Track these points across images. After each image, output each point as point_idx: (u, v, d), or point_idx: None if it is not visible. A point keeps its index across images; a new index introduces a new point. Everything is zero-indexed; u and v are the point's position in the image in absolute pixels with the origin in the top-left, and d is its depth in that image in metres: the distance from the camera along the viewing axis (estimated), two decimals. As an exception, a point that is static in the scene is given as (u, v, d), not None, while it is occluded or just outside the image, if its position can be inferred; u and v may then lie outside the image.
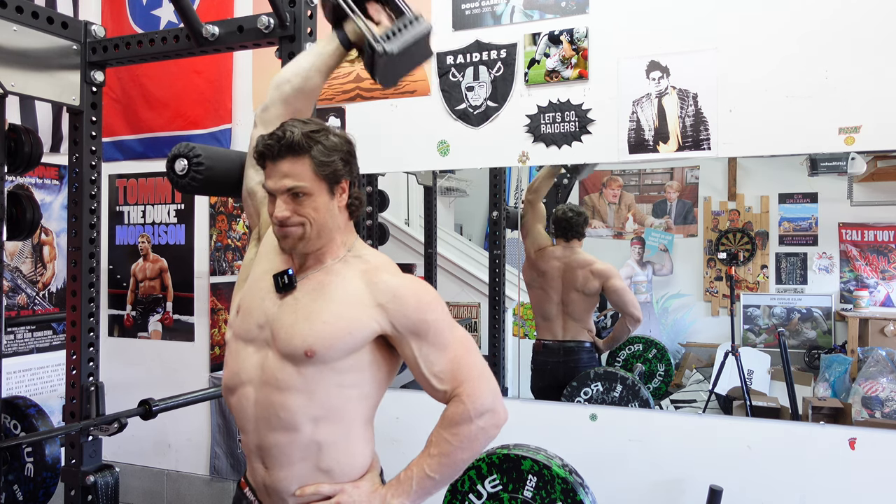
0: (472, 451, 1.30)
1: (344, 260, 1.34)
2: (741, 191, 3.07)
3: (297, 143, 1.24)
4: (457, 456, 1.29)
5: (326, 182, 1.27)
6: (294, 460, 1.29)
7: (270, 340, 1.30)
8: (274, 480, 1.31)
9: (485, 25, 2.59)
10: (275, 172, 1.26)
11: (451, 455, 1.28)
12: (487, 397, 1.29)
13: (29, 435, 2.05)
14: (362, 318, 1.27)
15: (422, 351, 1.29)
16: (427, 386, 1.32)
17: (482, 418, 1.28)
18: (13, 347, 3.11)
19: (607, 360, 3.04)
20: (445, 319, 1.32)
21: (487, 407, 1.29)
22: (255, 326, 1.33)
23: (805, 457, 2.18)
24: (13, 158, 2.01)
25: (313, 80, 1.47)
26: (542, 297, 2.96)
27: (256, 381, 1.31)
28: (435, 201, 3.23)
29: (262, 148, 1.27)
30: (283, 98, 1.46)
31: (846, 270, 2.87)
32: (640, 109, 2.38)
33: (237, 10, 3.06)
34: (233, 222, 3.24)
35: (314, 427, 1.28)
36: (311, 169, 1.25)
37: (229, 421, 3.17)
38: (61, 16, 1.93)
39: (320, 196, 1.27)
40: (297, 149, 1.24)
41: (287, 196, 1.25)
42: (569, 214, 2.96)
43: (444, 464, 1.29)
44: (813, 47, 2.18)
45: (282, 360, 1.28)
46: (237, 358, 1.35)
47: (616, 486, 2.36)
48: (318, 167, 1.25)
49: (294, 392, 1.27)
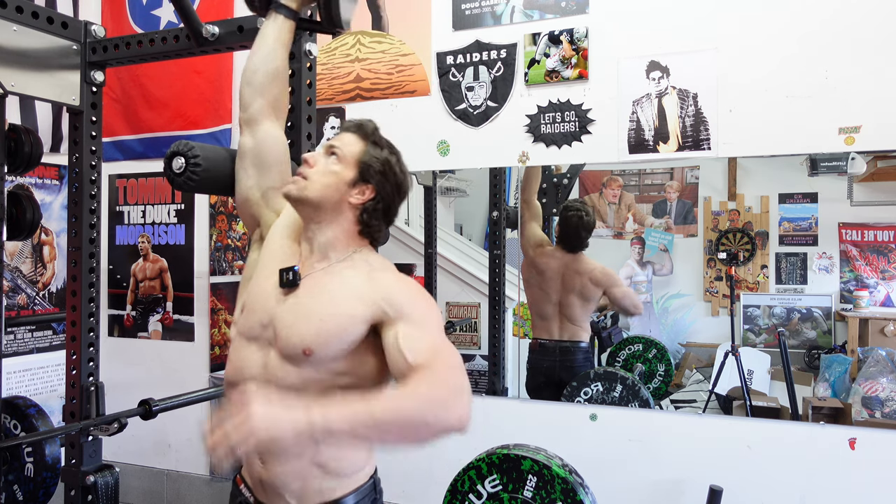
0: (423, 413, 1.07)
1: (351, 260, 1.35)
2: (741, 191, 3.07)
3: (365, 127, 1.37)
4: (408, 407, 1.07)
5: (358, 169, 1.34)
6: (291, 455, 1.29)
7: (273, 340, 1.31)
8: (271, 476, 1.32)
9: (485, 25, 2.59)
10: (337, 138, 1.38)
11: (404, 402, 1.08)
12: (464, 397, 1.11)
13: (29, 435, 2.05)
14: (356, 312, 1.25)
15: (405, 330, 1.20)
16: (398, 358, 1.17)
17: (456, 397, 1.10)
18: (13, 347, 3.11)
19: (607, 360, 3.03)
20: (438, 322, 1.27)
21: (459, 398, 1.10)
22: (258, 325, 1.34)
23: (805, 457, 2.18)
24: (13, 158, 2.00)
25: (277, 59, 1.50)
26: (539, 297, 2.96)
27: (259, 379, 1.31)
28: (435, 201, 3.23)
29: (345, 124, 1.40)
30: (258, 90, 1.48)
31: (846, 270, 2.87)
32: (640, 109, 2.38)
33: (237, 10, 3.06)
34: (233, 222, 3.24)
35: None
36: (358, 150, 1.35)
37: (229, 421, 3.16)
38: (61, 16, 1.93)
39: (345, 171, 1.33)
40: (363, 131, 1.37)
41: (324, 153, 1.35)
42: (582, 233, 2.94)
43: (389, 409, 1.06)
44: (813, 47, 2.18)
45: (282, 359, 1.29)
46: (240, 354, 1.36)
47: (616, 486, 2.36)
48: (363, 154, 1.34)
49: (293, 391, 1.27)
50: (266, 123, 1.48)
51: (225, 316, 3.21)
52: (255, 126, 1.47)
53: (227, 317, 3.21)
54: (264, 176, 1.47)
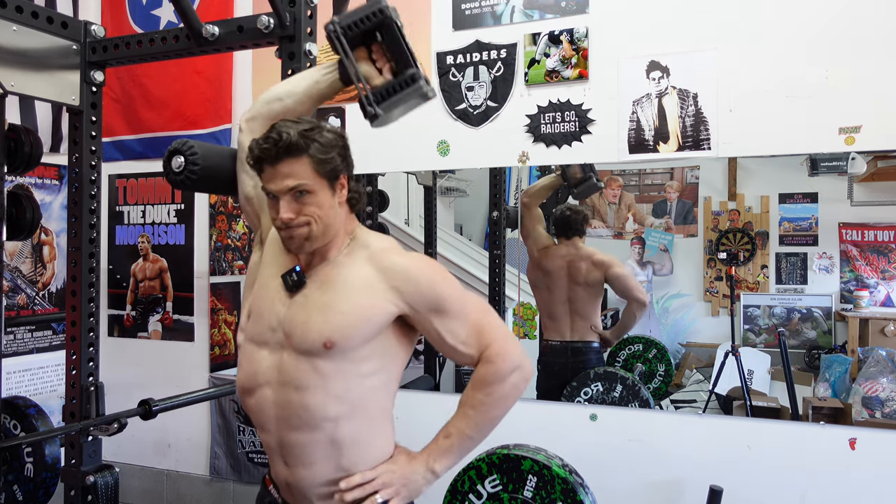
0: (505, 407, 1.35)
1: (348, 250, 1.35)
2: (741, 191, 3.07)
3: (294, 143, 1.23)
4: (493, 413, 1.34)
5: (327, 179, 1.28)
6: (316, 459, 1.30)
7: (284, 342, 1.31)
8: (297, 479, 1.32)
9: (485, 25, 2.59)
10: (275, 175, 1.25)
11: (487, 413, 1.34)
12: (516, 354, 1.35)
13: (29, 435, 2.05)
14: (378, 302, 1.28)
15: (444, 324, 1.32)
16: (453, 353, 1.36)
17: (513, 375, 1.33)
18: (13, 347, 3.11)
19: (607, 360, 3.03)
20: (458, 289, 1.35)
21: (517, 363, 1.34)
22: (267, 330, 1.33)
23: (805, 457, 2.17)
24: (13, 158, 2.00)
25: (304, 105, 1.45)
26: (548, 297, 2.96)
27: (274, 382, 1.31)
28: (435, 201, 3.23)
29: (258, 152, 1.25)
30: (270, 115, 1.44)
31: (846, 270, 2.87)
32: (640, 109, 2.38)
33: (237, 10, 3.06)
34: (233, 222, 3.24)
35: (335, 425, 1.28)
36: (310, 167, 1.25)
37: (229, 421, 3.17)
38: (61, 16, 1.93)
39: (322, 193, 1.27)
40: (295, 149, 1.23)
41: (290, 196, 1.25)
42: (567, 213, 2.96)
43: (481, 422, 1.34)
44: (813, 47, 2.18)
45: (298, 358, 1.28)
46: (252, 360, 1.35)
47: (616, 486, 2.36)
48: (318, 165, 1.25)
49: (313, 390, 1.27)
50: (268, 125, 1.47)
51: (225, 316, 3.21)
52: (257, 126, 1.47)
53: (227, 317, 3.21)
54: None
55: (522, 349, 1.38)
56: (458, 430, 1.34)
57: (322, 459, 1.29)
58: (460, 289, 1.36)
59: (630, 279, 2.96)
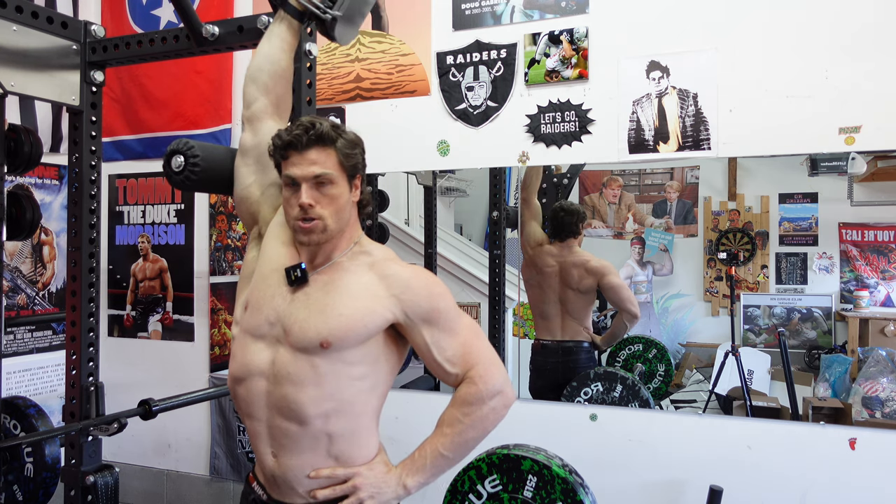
0: (483, 430, 1.36)
1: (350, 255, 1.37)
2: (741, 191, 3.07)
3: (325, 133, 1.28)
4: (469, 435, 1.34)
5: (348, 174, 1.32)
6: (304, 448, 1.31)
7: (282, 337, 1.32)
8: (283, 469, 1.32)
9: (485, 25, 2.59)
10: (302, 161, 1.28)
11: (463, 434, 1.34)
12: (498, 379, 1.35)
13: (29, 435, 2.05)
14: (376, 308, 1.31)
15: (433, 337, 1.34)
16: (439, 370, 1.37)
17: (494, 399, 1.34)
18: (13, 347, 3.10)
19: (607, 360, 3.03)
20: (454, 308, 1.37)
21: (498, 388, 1.35)
22: (265, 323, 1.34)
23: (805, 457, 2.18)
24: (13, 158, 2.00)
25: (283, 60, 1.50)
26: (540, 296, 2.95)
27: (268, 374, 1.32)
28: (435, 201, 3.23)
29: (289, 137, 1.29)
30: (262, 88, 1.49)
31: (846, 270, 2.87)
32: (640, 109, 2.38)
33: (237, 10, 3.06)
34: (233, 222, 3.24)
35: (324, 421, 1.30)
36: (336, 159, 1.30)
37: (229, 421, 3.17)
38: (61, 16, 1.93)
39: (342, 186, 1.32)
40: (326, 139, 1.28)
41: (312, 183, 1.28)
42: (560, 214, 2.91)
43: (457, 443, 1.34)
44: (813, 47, 2.18)
45: (294, 354, 1.30)
46: (246, 352, 1.36)
47: (616, 486, 2.36)
48: (343, 158, 1.30)
49: (306, 386, 1.29)
50: (269, 122, 1.48)
51: (225, 316, 3.21)
52: (258, 123, 1.48)
53: (227, 317, 3.21)
54: (265, 173, 1.47)
55: (507, 376, 1.38)
56: (433, 448, 1.34)
57: (310, 450, 1.31)
58: (456, 308, 1.38)
59: (623, 290, 2.92)
